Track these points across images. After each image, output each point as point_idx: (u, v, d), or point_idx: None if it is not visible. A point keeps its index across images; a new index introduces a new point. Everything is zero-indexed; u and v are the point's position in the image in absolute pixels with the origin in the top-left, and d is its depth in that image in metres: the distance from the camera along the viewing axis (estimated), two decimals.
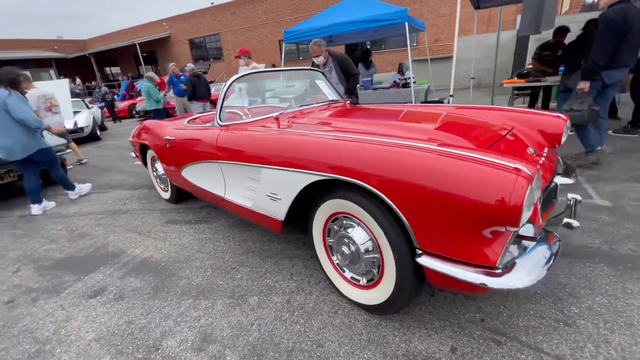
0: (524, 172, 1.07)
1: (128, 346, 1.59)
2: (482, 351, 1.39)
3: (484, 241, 1.13)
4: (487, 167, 1.10)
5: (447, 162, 1.15)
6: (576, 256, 1.95)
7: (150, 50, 25.19)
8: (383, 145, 1.35)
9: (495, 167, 1.09)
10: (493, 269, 1.11)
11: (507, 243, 1.14)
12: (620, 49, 2.86)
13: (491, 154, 1.20)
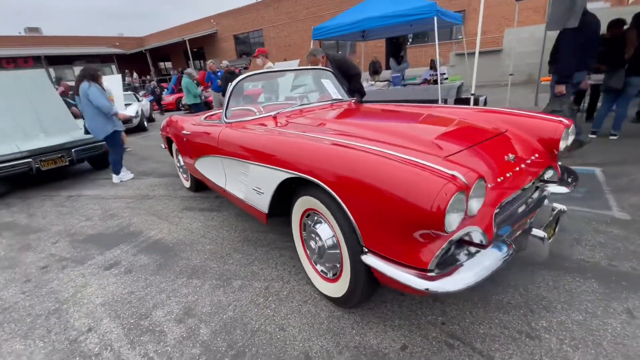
0: (459, 180, 1.09)
1: (125, 312, 1.85)
2: (431, 352, 1.42)
3: (417, 243, 1.17)
4: (422, 171, 1.13)
5: (387, 164, 1.21)
6: (567, 269, 1.85)
7: (199, 46, 26.67)
8: (336, 145, 1.43)
9: (430, 172, 1.12)
10: (426, 271, 1.15)
11: (441, 247, 1.16)
12: (582, 53, 3.24)
13: (435, 159, 1.23)
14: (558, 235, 2.18)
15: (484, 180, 1.19)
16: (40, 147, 4.12)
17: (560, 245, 2.08)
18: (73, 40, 25.50)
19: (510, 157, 1.60)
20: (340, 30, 6.37)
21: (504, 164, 1.54)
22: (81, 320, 1.82)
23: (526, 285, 1.77)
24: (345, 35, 6.95)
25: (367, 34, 8.15)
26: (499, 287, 1.77)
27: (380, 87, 7.19)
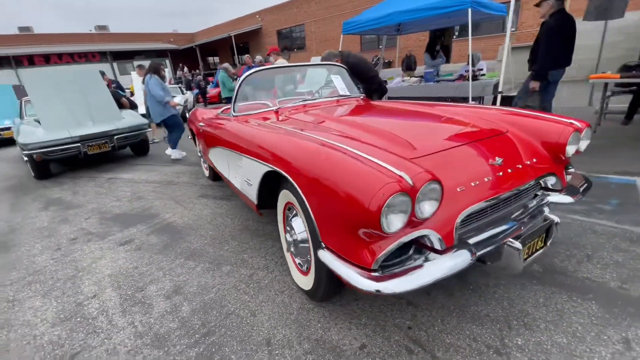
0: (404, 182, 1.06)
1: (125, 284, 2.06)
2: (389, 355, 1.40)
3: (363, 242, 1.16)
4: (370, 169, 1.12)
5: (342, 161, 1.23)
6: (566, 287, 1.69)
7: (244, 41, 27.65)
8: (308, 140, 1.45)
9: (377, 171, 1.11)
10: (369, 270, 1.14)
11: (387, 248, 1.14)
12: (561, 51, 3.35)
13: (394, 159, 1.20)
14: (569, 250, 1.99)
15: (438, 183, 1.14)
16: (88, 133, 4.63)
17: (567, 261, 1.90)
18: (134, 37, 27.90)
19: (497, 161, 1.49)
20: (370, 25, 6.24)
21: (485, 167, 1.45)
22: (89, 287, 2.06)
23: (512, 299, 1.65)
24: (378, 29, 6.79)
25: (403, 27, 7.88)
26: (481, 298, 1.67)
27: (411, 83, 6.93)
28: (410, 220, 1.14)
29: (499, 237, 1.39)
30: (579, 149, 1.78)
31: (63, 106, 4.75)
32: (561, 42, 3.33)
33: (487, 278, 1.82)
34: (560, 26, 3.31)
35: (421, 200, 1.12)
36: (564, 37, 3.33)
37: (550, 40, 3.33)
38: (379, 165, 1.15)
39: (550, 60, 3.39)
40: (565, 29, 3.33)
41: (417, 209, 1.13)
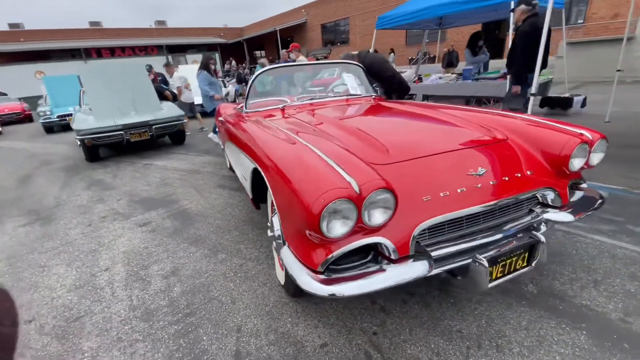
0: (351, 189, 1.07)
1: (134, 261, 2.30)
2: (347, 357, 1.42)
3: (313, 244, 1.19)
4: (322, 173, 1.15)
5: (304, 163, 1.27)
6: (557, 313, 1.56)
7: (289, 35, 28.09)
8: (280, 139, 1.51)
9: (327, 176, 1.13)
10: (317, 272, 1.17)
11: (334, 252, 1.15)
12: (536, 55, 3.39)
13: (353, 164, 1.21)
14: (575, 273, 1.82)
15: (390, 192, 1.12)
16: (130, 122, 5.11)
17: (569, 285, 1.74)
18: (188, 32, 29.69)
19: (479, 172, 1.42)
20: (405, 19, 6.02)
21: (460, 178, 1.38)
22: (105, 261, 2.33)
23: (492, 318, 1.57)
24: (415, 23, 6.52)
25: (445, 21, 7.48)
26: (459, 313, 1.61)
27: (448, 81, 6.58)
28: (359, 227, 1.15)
29: (471, 252, 1.33)
30: (589, 163, 1.62)
31: (111, 97, 5.28)
32: (536, 45, 3.37)
33: (469, 293, 1.74)
34: (535, 31, 3.38)
35: (369, 208, 1.12)
36: (539, 41, 3.37)
37: (526, 45, 3.43)
38: (333, 170, 1.17)
39: (526, 64, 3.49)
40: (540, 32, 3.38)
41: (365, 217, 1.12)
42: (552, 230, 2.27)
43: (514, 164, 1.54)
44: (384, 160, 1.43)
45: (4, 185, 4.45)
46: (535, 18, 3.43)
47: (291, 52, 5.67)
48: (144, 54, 25.33)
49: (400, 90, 3.59)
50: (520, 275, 1.56)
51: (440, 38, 13.76)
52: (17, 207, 3.57)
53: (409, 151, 1.51)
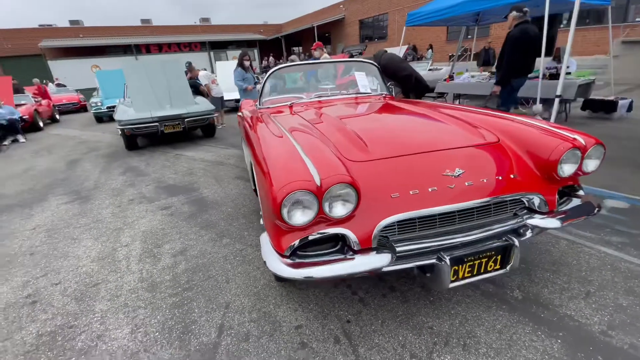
0: (312, 182, 1.17)
1: (150, 240, 2.56)
2: (317, 339, 1.52)
3: (281, 230, 1.30)
4: (292, 165, 1.27)
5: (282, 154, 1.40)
6: (536, 319, 1.54)
7: (327, 31, 28.13)
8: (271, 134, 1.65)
9: (294, 168, 1.25)
10: (283, 256, 1.28)
11: (299, 239, 1.26)
12: (523, 61, 3.53)
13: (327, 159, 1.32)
14: (568, 283, 1.76)
15: (352, 187, 1.20)
16: (164, 115, 5.54)
17: (557, 294, 1.70)
18: (230, 28, 30.82)
19: (455, 172, 1.43)
20: (436, 16, 5.86)
21: (434, 177, 1.41)
22: (126, 238, 2.62)
23: (468, 318, 1.58)
24: (450, 19, 6.30)
25: (482, 17, 7.14)
26: (436, 311, 1.64)
27: (479, 79, 6.31)
28: (322, 218, 1.24)
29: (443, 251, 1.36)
30: (582, 169, 1.56)
31: (150, 91, 5.75)
32: (524, 51, 3.52)
33: (453, 293, 1.75)
34: (524, 37, 3.49)
35: (330, 201, 1.20)
36: (527, 47, 3.51)
37: (513, 50, 3.54)
38: (303, 164, 1.27)
39: (512, 69, 3.61)
40: (530, 38, 3.51)
41: (326, 208, 1.21)
42: (555, 239, 2.19)
43: (498, 167, 1.53)
44: (362, 158, 1.50)
45: (56, 168, 5.06)
46: (525, 25, 3.53)
47: (315, 50, 5.78)
48: (188, 50, 26.74)
49: (418, 89, 3.56)
50: (494, 277, 1.58)
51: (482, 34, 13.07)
52: (62, 187, 4.07)
53: (388, 149, 1.56)
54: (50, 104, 10.86)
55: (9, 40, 20.86)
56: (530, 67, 3.68)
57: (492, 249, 1.37)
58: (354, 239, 1.28)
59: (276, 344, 1.51)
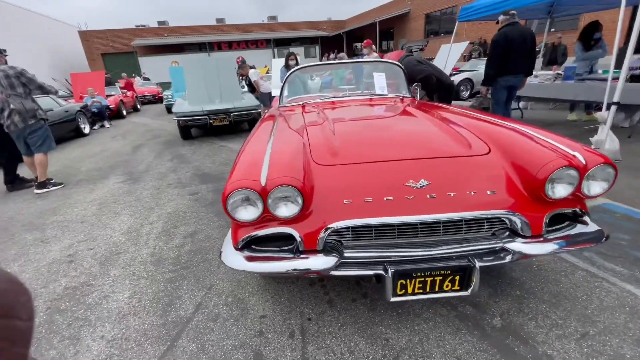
0: (257, 183, 1.26)
1: (171, 221, 2.89)
2: (275, 331, 1.60)
3: (237, 225, 1.40)
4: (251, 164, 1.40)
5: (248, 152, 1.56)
6: (508, 354, 1.41)
7: (389, 26, 27.36)
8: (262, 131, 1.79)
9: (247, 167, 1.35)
10: (235, 249, 1.38)
11: (247, 234, 1.34)
12: (507, 61, 3.81)
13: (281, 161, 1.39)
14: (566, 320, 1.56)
15: (296, 190, 1.25)
16: (213, 109, 6.06)
17: (546, 330, 1.52)
18: (294, 26, 31.83)
19: (419, 184, 1.37)
20: (491, 9, 5.34)
21: (395, 187, 1.37)
22: (153, 217, 3.00)
23: (430, 337, 1.51)
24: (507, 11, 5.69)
25: (556, 9, 6.30)
26: (399, 324, 1.60)
27: (543, 80, 5.61)
28: (269, 216, 1.31)
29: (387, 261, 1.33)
30: (583, 192, 1.37)
31: (203, 86, 6.32)
32: (506, 51, 3.76)
33: (424, 309, 1.67)
34: (502, 39, 3.77)
35: (274, 201, 1.26)
36: (508, 48, 3.75)
37: (492, 52, 3.88)
38: (259, 164, 1.35)
39: (491, 67, 3.90)
40: (513, 40, 3.73)
41: (271, 208, 1.28)
42: (572, 268, 1.92)
43: (474, 181, 1.42)
44: (329, 162, 1.52)
45: (122, 151, 5.91)
46: (509, 27, 3.81)
47: (365, 48, 5.73)
48: (254, 47, 28.39)
49: (441, 89, 3.34)
50: (453, 298, 1.48)
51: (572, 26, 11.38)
52: (122, 168, 4.76)
53: (359, 155, 1.55)
54: (133, 95, 12.57)
55: (110, 39, 24.53)
56: (517, 67, 3.83)
57: (448, 267, 1.29)
58: (300, 239, 1.32)
59: (237, 328, 1.63)
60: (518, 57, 3.76)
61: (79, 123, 7.56)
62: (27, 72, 3.45)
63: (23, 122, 3.43)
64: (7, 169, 3.95)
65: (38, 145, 3.63)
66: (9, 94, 3.30)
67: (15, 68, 3.37)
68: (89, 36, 24.41)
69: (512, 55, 3.75)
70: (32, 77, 3.48)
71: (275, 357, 1.46)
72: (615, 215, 2.51)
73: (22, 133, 3.55)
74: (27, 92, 3.42)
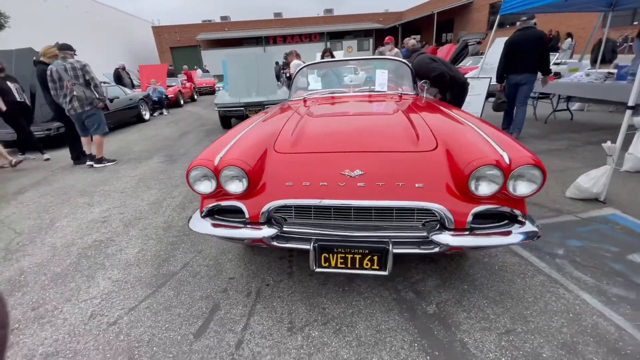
0: (211, 163, 1.54)
1: (188, 197, 3.36)
2: (236, 290, 1.90)
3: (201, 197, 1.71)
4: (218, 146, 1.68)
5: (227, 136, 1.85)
6: (425, 334, 1.54)
7: (449, 17, 25.85)
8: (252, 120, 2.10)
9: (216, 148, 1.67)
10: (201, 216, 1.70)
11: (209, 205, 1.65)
12: (511, 61, 4.49)
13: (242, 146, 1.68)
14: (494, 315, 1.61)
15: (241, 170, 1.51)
16: (248, 101, 6.56)
17: (472, 321, 1.60)
18: (349, 18, 31.65)
19: (354, 173, 1.54)
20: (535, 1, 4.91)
21: (332, 174, 1.54)
22: (176, 193, 3.51)
23: (362, 312, 1.69)
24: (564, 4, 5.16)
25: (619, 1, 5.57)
26: (340, 298, 1.79)
27: (592, 80, 5.05)
28: (222, 191, 1.59)
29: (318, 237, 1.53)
30: (510, 192, 1.42)
31: (242, 80, 6.85)
32: (510, 54, 4.45)
33: (368, 289, 1.84)
34: (510, 42, 4.47)
35: (224, 179, 1.54)
36: (515, 50, 4.39)
37: (502, 53, 4.56)
38: (223, 145, 1.66)
39: (499, 67, 4.64)
40: (519, 43, 4.35)
41: (222, 184, 1.56)
42: (534, 272, 1.91)
43: (406, 174, 1.53)
44: (286, 150, 1.75)
45: (170, 137, 6.72)
46: (518, 32, 4.48)
47: (387, 44, 5.74)
48: (308, 40, 28.97)
49: (454, 87, 3.30)
50: (376, 276, 1.62)
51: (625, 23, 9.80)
52: (165, 151, 5.47)
53: (312, 146, 1.76)
54: (191, 87, 13.86)
55: (178, 34, 27.01)
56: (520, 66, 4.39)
57: (365, 247, 1.46)
58: (246, 212, 1.59)
59: (208, 284, 1.97)
60: (522, 58, 4.33)
61: (141, 110, 8.70)
62: (89, 66, 4.20)
63: (81, 107, 4.20)
64: (72, 146, 4.84)
65: (94, 129, 4.41)
66: (74, 83, 4.07)
67: (81, 62, 4.12)
68: (161, 31, 27.19)
69: (517, 56, 4.37)
70: (91, 72, 4.21)
71: (229, 309, 1.76)
72: (616, 227, 2.33)
73: (80, 117, 4.33)
74: (87, 83, 4.17)
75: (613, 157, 2.61)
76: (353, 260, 1.50)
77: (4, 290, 2.02)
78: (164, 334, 1.62)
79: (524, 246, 2.15)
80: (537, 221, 1.54)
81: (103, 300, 1.88)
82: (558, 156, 3.98)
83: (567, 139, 4.74)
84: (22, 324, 1.74)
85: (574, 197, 2.82)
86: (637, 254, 2.03)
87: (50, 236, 2.70)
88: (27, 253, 2.45)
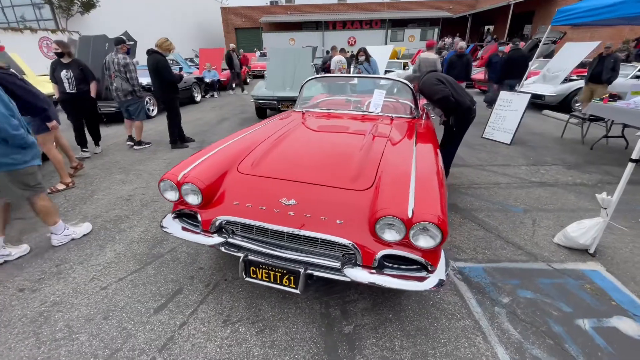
0: (175, 177, 1.89)
1: None
2: (200, 280, 2.29)
3: None
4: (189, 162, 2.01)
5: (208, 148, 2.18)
6: (329, 346, 1.76)
7: (528, 9, 23.17)
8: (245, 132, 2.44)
9: (187, 164, 2.00)
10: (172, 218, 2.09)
11: (176, 209, 2.02)
12: (509, 71, 7.20)
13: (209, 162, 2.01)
14: (392, 343, 1.77)
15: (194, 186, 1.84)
16: (281, 95, 6.90)
17: (374, 341, 1.77)
18: (415, 5, 29.95)
19: (289, 202, 1.78)
20: (594, 14, 4.38)
21: (271, 200, 1.80)
22: None
23: (288, 315, 1.95)
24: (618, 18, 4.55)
25: None
26: (279, 305, 2.07)
27: None
28: (184, 201, 1.95)
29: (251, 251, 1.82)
30: (413, 243, 1.55)
31: (280, 74, 7.20)
32: (509, 68, 7.23)
33: (305, 301, 2.09)
34: (507, 58, 7.35)
35: (184, 192, 1.89)
36: (514, 63, 7.12)
37: (503, 68, 7.42)
38: (194, 161, 2.01)
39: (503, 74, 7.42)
40: (513, 59, 7.19)
41: (183, 196, 1.91)
42: (463, 315, 1.99)
43: (332, 210, 1.73)
44: (245, 171, 2.04)
45: (210, 122, 7.40)
46: (512, 52, 7.33)
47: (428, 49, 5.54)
48: (368, 27, 28.24)
49: (458, 112, 3.22)
50: (290, 293, 1.86)
51: None
52: (201, 136, 6.10)
53: (266, 170, 2.02)
54: (244, 71, 14.64)
55: (244, 15, 28.17)
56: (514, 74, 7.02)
57: (283, 268, 1.71)
58: (200, 221, 1.93)
59: (182, 270, 2.39)
60: (514, 69, 7.02)
61: (193, 92, 9.59)
62: (132, 65, 4.86)
63: (124, 97, 4.96)
64: None
65: (135, 115, 5.15)
66: (116, 75, 4.83)
67: (126, 59, 4.80)
68: (228, 12, 28.59)
69: (511, 68, 7.11)
70: (132, 71, 4.84)
71: (188, 294, 2.16)
72: (586, 285, 2.23)
73: (122, 104, 5.12)
74: (126, 78, 4.85)
75: (607, 210, 2.44)
76: (275, 276, 1.76)
77: (42, 247, 2.67)
78: (135, 304, 2.07)
79: (472, 288, 2.19)
80: (450, 265, 1.64)
81: (104, 268, 2.41)
82: (578, 193, 3.67)
83: (603, 172, 4.27)
84: (47, 275, 2.34)
85: (560, 243, 2.69)
86: (588, 319, 1.96)
87: (87, 206, 3.39)
88: (66, 218, 3.13)
